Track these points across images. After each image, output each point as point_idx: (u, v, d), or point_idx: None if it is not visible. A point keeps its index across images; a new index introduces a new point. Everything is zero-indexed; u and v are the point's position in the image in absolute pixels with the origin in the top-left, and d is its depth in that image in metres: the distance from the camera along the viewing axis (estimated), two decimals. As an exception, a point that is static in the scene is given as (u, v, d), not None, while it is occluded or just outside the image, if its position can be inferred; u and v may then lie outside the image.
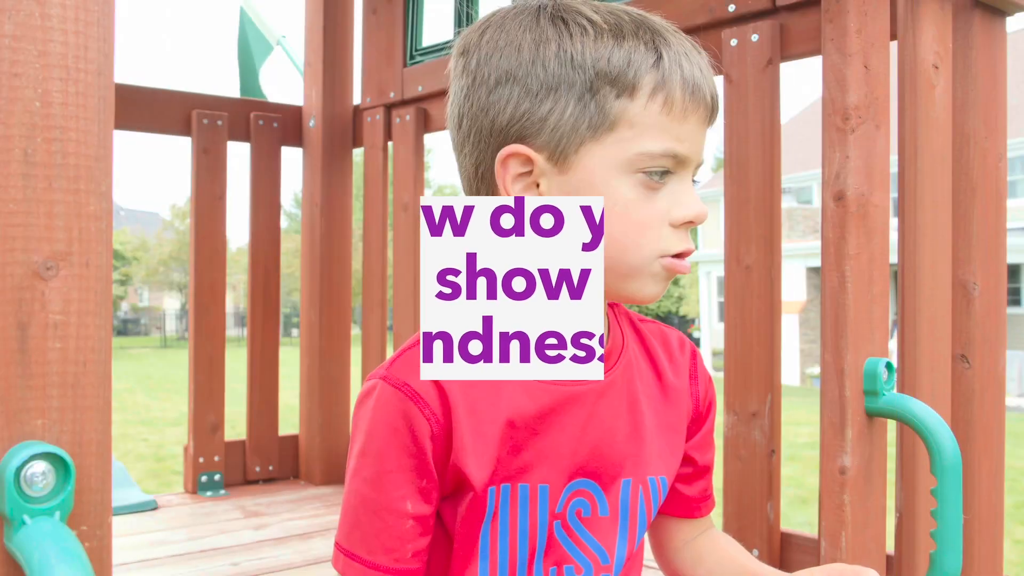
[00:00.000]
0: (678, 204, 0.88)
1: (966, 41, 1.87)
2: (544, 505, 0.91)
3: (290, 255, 22.22)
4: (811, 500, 7.25)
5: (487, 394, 0.89)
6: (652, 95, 0.86)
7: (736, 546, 1.08)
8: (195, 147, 3.07)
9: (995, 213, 1.90)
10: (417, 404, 0.87)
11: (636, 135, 0.86)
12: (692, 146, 0.89)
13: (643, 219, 0.88)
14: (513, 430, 0.89)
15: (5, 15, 0.81)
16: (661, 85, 0.86)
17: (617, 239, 0.87)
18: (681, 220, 0.88)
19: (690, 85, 0.87)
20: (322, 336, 3.21)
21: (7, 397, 0.82)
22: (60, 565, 0.75)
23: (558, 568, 0.92)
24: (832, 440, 1.57)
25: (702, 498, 1.07)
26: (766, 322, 1.96)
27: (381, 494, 0.87)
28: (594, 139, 0.86)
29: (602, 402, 0.94)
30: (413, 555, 0.88)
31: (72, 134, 0.85)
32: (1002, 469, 1.92)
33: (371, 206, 3.19)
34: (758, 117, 1.98)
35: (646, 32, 0.88)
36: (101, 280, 0.87)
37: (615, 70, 0.86)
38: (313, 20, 3.27)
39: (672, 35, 0.90)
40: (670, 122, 0.86)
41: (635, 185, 0.87)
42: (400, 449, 0.87)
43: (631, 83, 0.86)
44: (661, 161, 0.87)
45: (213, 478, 3.06)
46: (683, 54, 0.88)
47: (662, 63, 0.86)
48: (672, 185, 0.89)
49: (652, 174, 0.87)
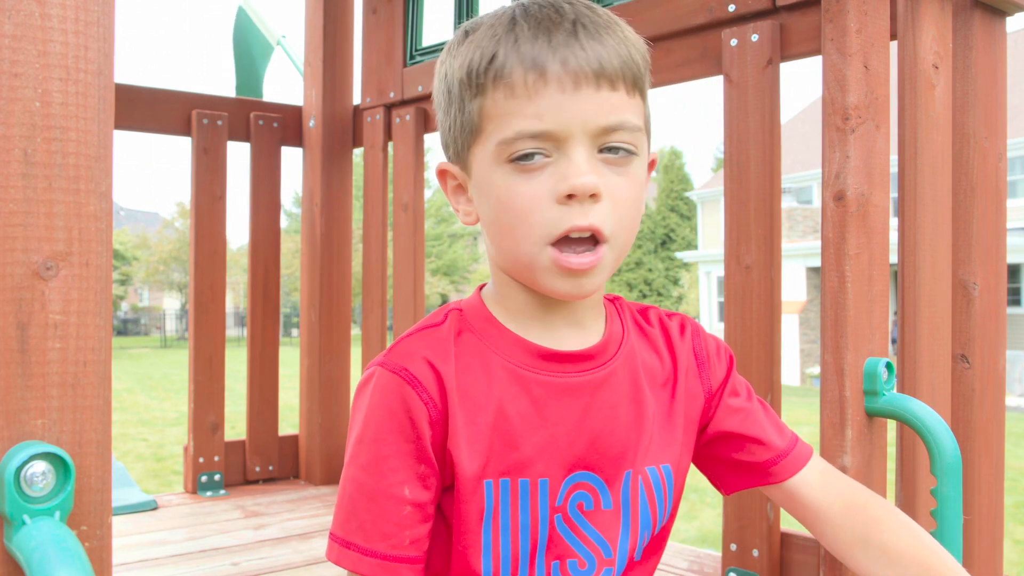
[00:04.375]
0: (561, 178, 0.86)
1: (966, 41, 1.87)
2: (544, 499, 0.91)
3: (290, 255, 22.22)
4: (811, 500, 7.23)
5: (480, 383, 0.91)
6: (494, 86, 0.87)
7: (914, 534, 1.01)
8: (195, 147, 3.07)
9: (995, 213, 1.89)
10: (415, 389, 0.88)
11: (495, 127, 0.88)
12: (558, 118, 0.85)
13: (522, 202, 0.87)
14: (506, 421, 0.90)
15: (5, 15, 0.81)
16: (499, 73, 0.87)
17: (507, 231, 0.89)
18: (562, 193, 0.86)
19: (529, 62, 0.86)
20: (322, 336, 3.21)
21: (7, 397, 0.82)
22: (60, 565, 0.75)
23: (561, 562, 0.92)
24: (832, 440, 1.57)
25: (777, 458, 1.03)
26: (766, 322, 1.96)
27: (378, 480, 0.87)
28: (475, 143, 0.91)
29: (600, 393, 0.94)
30: (411, 542, 0.88)
31: (72, 134, 0.85)
32: (1002, 469, 1.92)
33: (371, 206, 3.19)
34: (758, 117, 1.98)
35: (505, 24, 0.89)
36: (101, 280, 0.87)
37: (467, 73, 0.89)
38: (313, 20, 3.27)
39: (544, 7, 0.89)
40: (519, 105, 0.86)
41: (509, 173, 0.88)
42: (398, 434, 0.87)
43: (479, 81, 0.88)
44: (521, 144, 0.86)
45: (213, 478, 3.06)
46: (527, 34, 0.87)
47: (498, 53, 0.87)
48: (556, 162, 0.87)
49: (520, 159, 0.87)
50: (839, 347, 1.57)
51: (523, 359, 0.92)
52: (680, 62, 2.22)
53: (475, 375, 0.91)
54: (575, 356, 0.94)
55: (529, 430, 0.91)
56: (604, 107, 0.86)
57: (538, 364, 0.92)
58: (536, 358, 0.93)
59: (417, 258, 3.01)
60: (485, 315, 0.95)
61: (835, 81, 1.58)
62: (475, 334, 0.94)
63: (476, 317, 0.95)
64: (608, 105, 0.86)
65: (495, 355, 0.92)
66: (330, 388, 3.21)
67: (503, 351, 0.93)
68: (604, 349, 0.96)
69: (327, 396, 3.20)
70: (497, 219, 0.90)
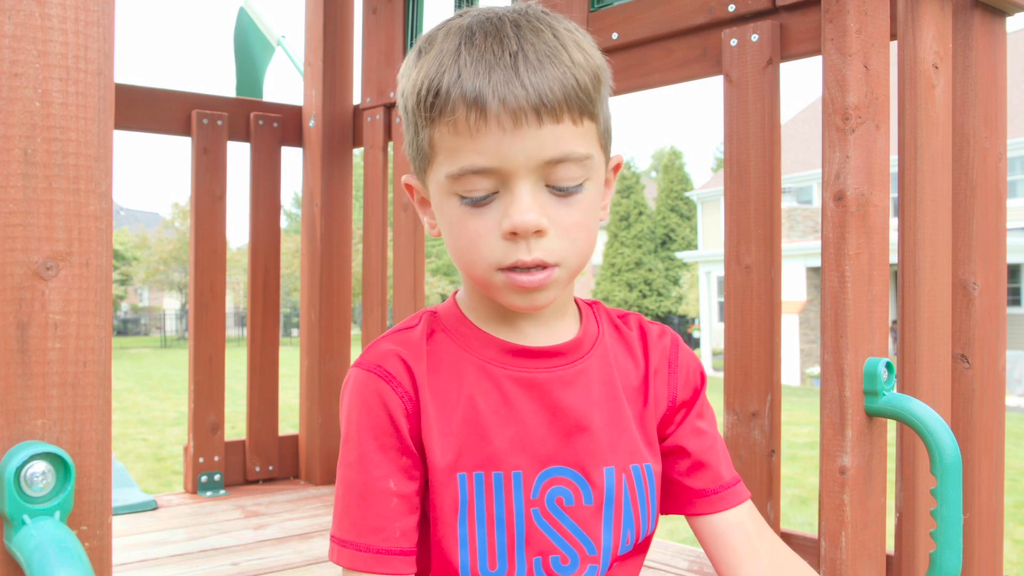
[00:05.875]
0: (505, 215, 0.86)
1: (966, 41, 1.87)
2: (519, 492, 0.92)
3: (290, 255, 22.24)
4: (811, 500, 7.25)
5: (452, 379, 0.94)
6: (439, 119, 0.86)
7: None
8: (195, 147, 3.07)
9: (995, 213, 1.90)
10: (390, 383, 0.91)
11: (444, 159, 0.88)
12: (500, 156, 0.84)
13: (471, 235, 0.88)
14: (477, 415, 0.92)
15: (5, 15, 0.81)
16: (443, 109, 0.85)
17: (460, 255, 0.91)
18: (505, 231, 0.86)
19: (472, 99, 0.83)
20: (322, 336, 3.21)
21: (7, 397, 0.82)
22: (60, 565, 0.75)
23: (543, 558, 0.93)
24: (832, 440, 1.57)
25: (720, 488, 1.01)
26: (766, 322, 1.96)
27: (364, 475, 0.90)
28: (429, 168, 0.91)
29: (572, 389, 0.95)
30: (401, 534, 0.90)
31: (72, 134, 0.85)
32: (1002, 469, 1.92)
33: (371, 206, 3.19)
34: (758, 117, 1.98)
35: (451, 52, 0.87)
36: (101, 280, 0.87)
37: (417, 103, 0.88)
38: (313, 20, 3.27)
39: (489, 35, 0.86)
40: (463, 141, 0.85)
41: (456, 204, 0.88)
42: (378, 429, 0.91)
43: (427, 113, 0.87)
44: (467, 181, 0.86)
45: (213, 478, 3.06)
46: (470, 69, 0.84)
47: (442, 86, 0.85)
48: (501, 196, 0.86)
49: (465, 198, 0.87)
50: (839, 347, 1.57)
51: (493, 356, 0.95)
52: (680, 62, 2.22)
53: (447, 372, 0.94)
54: (545, 352, 0.95)
55: (500, 424, 0.93)
56: (547, 141, 0.85)
57: (508, 360, 0.95)
58: (506, 354, 0.95)
59: (417, 258, 3.01)
60: (458, 316, 0.98)
61: (835, 81, 1.58)
62: (448, 334, 0.97)
63: (449, 318, 0.98)
64: (552, 138, 0.85)
65: (466, 353, 0.95)
66: (330, 388, 3.21)
67: (474, 349, 0.95)
68: (576, 346, 0.97)
69: (327, 396, 3.20)
70: (453, 243, 0.91)
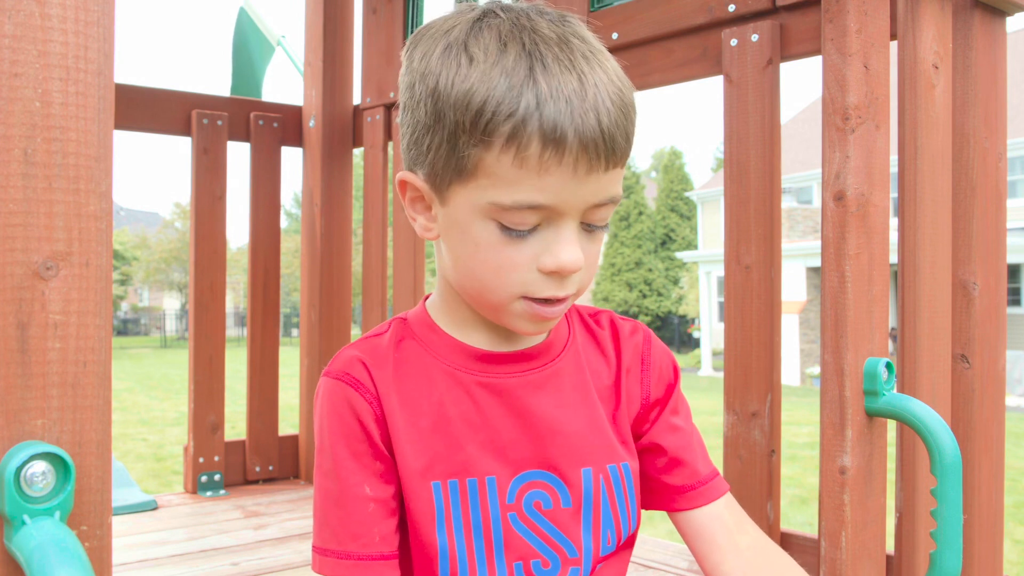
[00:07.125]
0: (547, 251, 0.84)
1: (966, 41, 1.87)
2: (494, 497, 0.92)
3: (290, 255, 22.23)
4: (811, 500, 7.25)
5: (420, 387, 0.93)
6: (505, 146, 0.80)
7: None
8: (195, 147, 3.07)
9: (995, 213, 1.90)
10: (357, 390, 0.91)
11: (491, 184, 0.82)
12: (559, 196, 0.81)
13: (501, 261, 0.84)
14: (448, 423, 0.92)
15: (5, 15, 0.81)
16: (515, 136, 0.79)
17: (477, 277, 0.87)
18: (547, 269, 0.84)
19: (552, 133, 0.78)
20: (322, 336, 3.21)
21: (7, 397, 0.82)
22: (60, 565, 0.75)
23: (524, 563, 0.93)
24: (832, 440, 1.57)
25: (698, 483, 1.01)
26: (766, 322, 1.96)
27: (340, 483, 0.90)
28: (459, 182, 0.84)
29: (542, 393, 0.95)
30: (381, 539, 0.90)
31: (72, 134, 0.85)
32: (1002, 469, 1.92)
33: (371, 206, 3.19)
34: (758, 117, 1.98)
35: (524, 61, 0.80)
36: (101, 280, 0.87)
37: (472, 116, 0.80)
38: (313, 20, 3.27)
39: (560, 61, 0.81)
40: (526, 175, 0.80)
41: (494, 231, 0.84)
42: (349, 435, 0.91)
43: (485, 132, 0.80)
44: (516, 214, 0.82)
45: (213, 478, 3.06)
46: (556, 88, 0.79)
47: (519, 107, 0.79)
48: (544, 231, 0.84)
49: (509, 229, 0.83)
50: (839, 347, 1.57)
51: (462, 362, 0.94)
52: (680, 62, 2.22)
53: (415, 379, 0.94)
54: (514, 356, 0.95)
55: (471, 430, 0.92)
56: (603, 186, 0.84)
57: (476, 366, 0.94)
58: (475, 360, 0.94)
59: (417, 258, 3.01)
60: (428, 323, 0.97)
61: (835, 81, 1.58)
62: (416, 341, 0.96)
63: (419, 325, 0.97)
64: (607, 182, 0.84)
65: (435, 360, 0.95)
66: (330, 388, 3.21)
67: (443, 356, 0.95)
68: (547, 349, 0.97)
69: (327, 396, 3.20)
70: (469, 264, 0.88)
